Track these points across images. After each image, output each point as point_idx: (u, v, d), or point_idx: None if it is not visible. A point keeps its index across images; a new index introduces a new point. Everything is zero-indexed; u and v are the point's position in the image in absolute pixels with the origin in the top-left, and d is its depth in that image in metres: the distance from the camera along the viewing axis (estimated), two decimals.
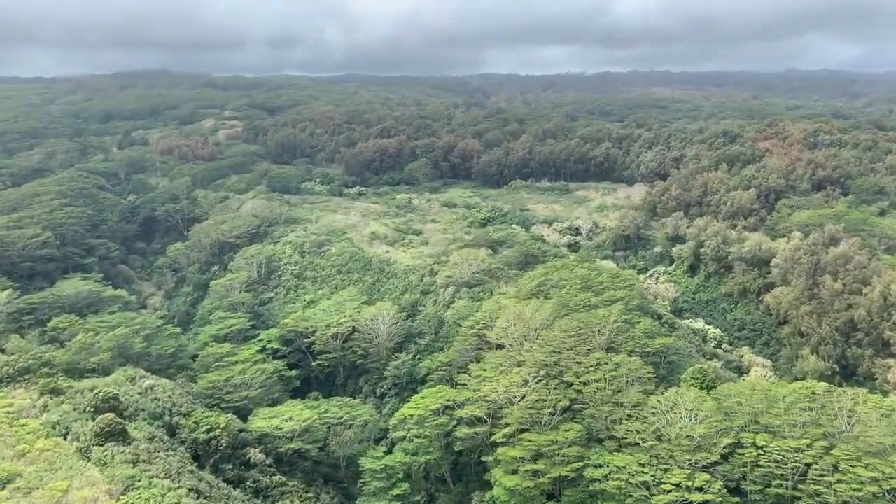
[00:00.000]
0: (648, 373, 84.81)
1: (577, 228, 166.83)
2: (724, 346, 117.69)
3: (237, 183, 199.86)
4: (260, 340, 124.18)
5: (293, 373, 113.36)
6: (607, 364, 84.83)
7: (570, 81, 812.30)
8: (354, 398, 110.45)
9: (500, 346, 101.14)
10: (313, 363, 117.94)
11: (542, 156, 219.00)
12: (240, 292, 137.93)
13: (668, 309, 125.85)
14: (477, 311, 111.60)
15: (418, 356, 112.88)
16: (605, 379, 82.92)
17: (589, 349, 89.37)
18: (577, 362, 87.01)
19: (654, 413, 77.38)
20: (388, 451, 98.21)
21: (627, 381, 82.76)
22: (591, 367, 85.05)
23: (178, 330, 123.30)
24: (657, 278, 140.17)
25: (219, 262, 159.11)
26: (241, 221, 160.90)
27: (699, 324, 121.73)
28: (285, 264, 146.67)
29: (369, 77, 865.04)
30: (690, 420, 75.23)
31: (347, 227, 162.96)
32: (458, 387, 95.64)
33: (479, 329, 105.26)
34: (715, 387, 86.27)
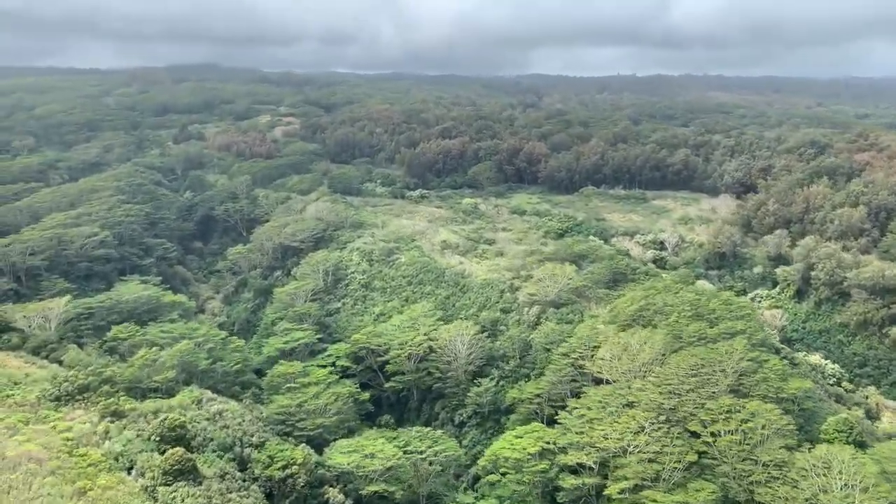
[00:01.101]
0: (788, 423, 73.26)
1: (661, 242, 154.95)
2: (843, 383, 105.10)
3: (299, 183, 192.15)
4: (328, 356, 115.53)
5: (366, 395, 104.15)
6: (740, 412, 73.53)
7: (622, 83, 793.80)
8: (430, 426, 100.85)
9: (600, 381, 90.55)
10: (386, 385, 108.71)
11: (616, 162, 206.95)
12: (305, 301, 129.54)
13: (776, 339, 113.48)
14: (570, 337, 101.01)
15: (502, 383, 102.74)
16: (739, 430, 71.64)
17: (713, 392, 78.12)
18: (702, 407, 75.89)
19: (804, 476, 65.95)
20: (473, 489, 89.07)
21: (766, 434, 71.35)
22: (721, 414, 73.86)
23: (242, 343, 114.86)
24: (759, 302, 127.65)
25: (281, 266, 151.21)
26: (306, 225, 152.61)
27: (815, 357, 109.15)
28: (352, 273, 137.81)
29: (418, 76, 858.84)
30: (850, 487, 63.71)
31: (416, 233, 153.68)
32: (554, 424, 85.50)
33: (576, 358, 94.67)
34: (864, 441, 74.43)
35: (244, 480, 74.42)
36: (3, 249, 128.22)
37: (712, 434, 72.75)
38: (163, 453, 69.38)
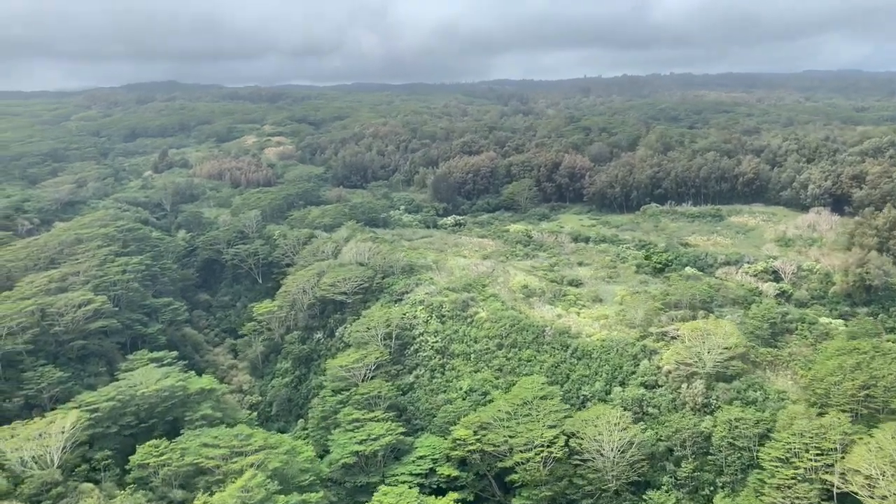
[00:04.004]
0: None
1: (774, 271, 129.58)
2: None
3: (320, 217, 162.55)
4: (420, 458, 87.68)
5: None
6: None
7: (603, 85, 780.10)
8: None
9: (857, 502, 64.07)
10: (513, 501, 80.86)
11: (677, 173, 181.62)
12: (368, 375, 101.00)
13: None
14: (772, 429, 74.45)
15: (679, 498, 75.67)
16: None
17: None
18: None
19: None
20: None
21: None
22: None
23: (311, 452, 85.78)
24: None
25: (322, 326, 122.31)
26: (347, 273, 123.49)
27: None
28: (421, 334, 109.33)
29: (381, 85, 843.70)
30: None
31: (481, 276, 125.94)
32: None
33: (807, 468, 68.00)
34: None
35: None
36: None
37: None
38: None
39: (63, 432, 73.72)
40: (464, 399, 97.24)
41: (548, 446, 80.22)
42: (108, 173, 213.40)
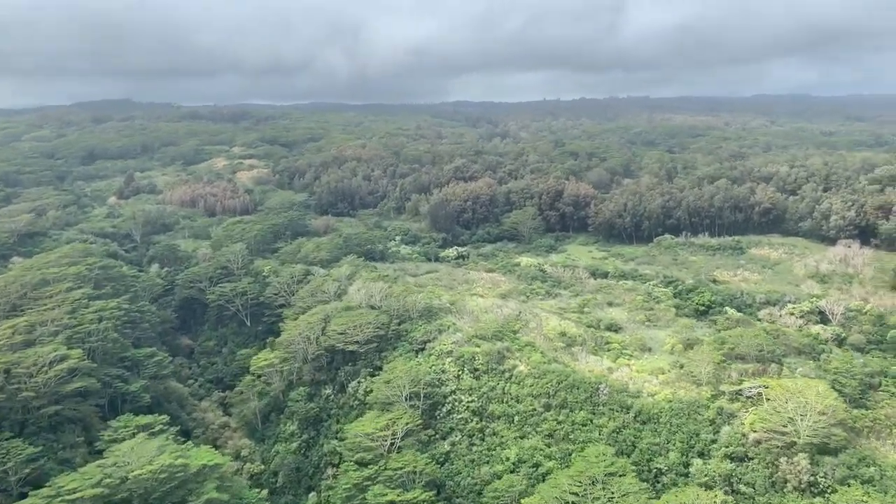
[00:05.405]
0: None
1: (821, 312, 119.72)
2: None
3: (315, 251, 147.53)
4: None
5: None
6: None
7: (565, 108, 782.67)
8: None
9: None
10: None
11: (688, 203, 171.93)
12: (394, 447, 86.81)
13: None
14: None
15: None
16: None
17: None
18: None
19: None
20: None
21: None
22: None
23: None
24: None
25: (331, 380, 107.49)
26: (359, 318, 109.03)
27: None
28: (454, 392, 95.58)
29: (338, 105, 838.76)
30: None
31: (508, 319, 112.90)
32: None
33: None
34: None
35: None
36: None
37: None
38: None
39: None
40: (512, 471, 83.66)
41: None
42: (70, 200, 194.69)
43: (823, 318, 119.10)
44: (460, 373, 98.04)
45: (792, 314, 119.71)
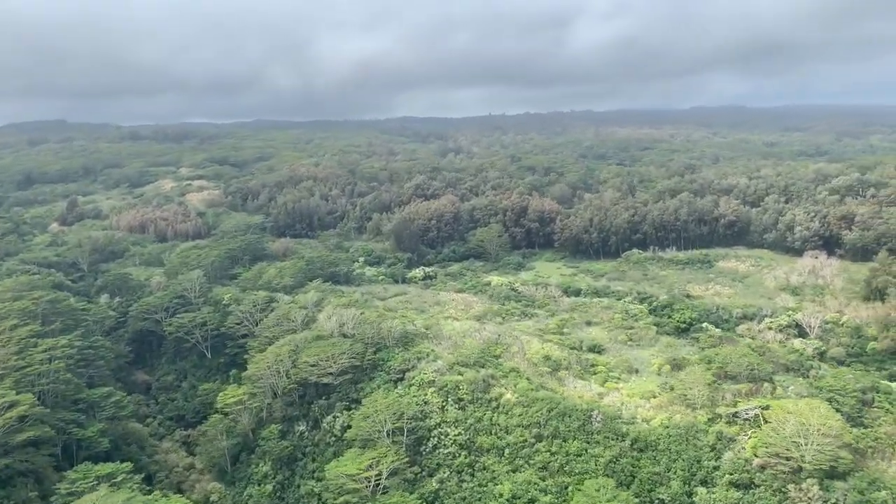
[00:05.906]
0: None
1: (798, 325, 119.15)
2: None
3: (277, 276, 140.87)
4: None
5: None
6: None
7: (511, 123, 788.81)
8: None
9: None
10: None
11: (653, 217, 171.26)
12: (379, 487, 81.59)
13: None
14: None
15: None
16: None
17: None
18: None
19: None
20: None
21: None
22: None
23: None
24: None
25: (304, 416, 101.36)
26: (332, 348, 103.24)
27: None
28: (439, 425, 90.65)
29: (282, 123, 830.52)
30: None
31: (488, 343, 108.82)
32: None
33: None
34: None
35: None
36: None
37: None
38: None
39: None
40: None
41: None
42: (9, 228, 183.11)
43: (801, 331, 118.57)
44: (444, 404, 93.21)
45: (770, 328, 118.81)
